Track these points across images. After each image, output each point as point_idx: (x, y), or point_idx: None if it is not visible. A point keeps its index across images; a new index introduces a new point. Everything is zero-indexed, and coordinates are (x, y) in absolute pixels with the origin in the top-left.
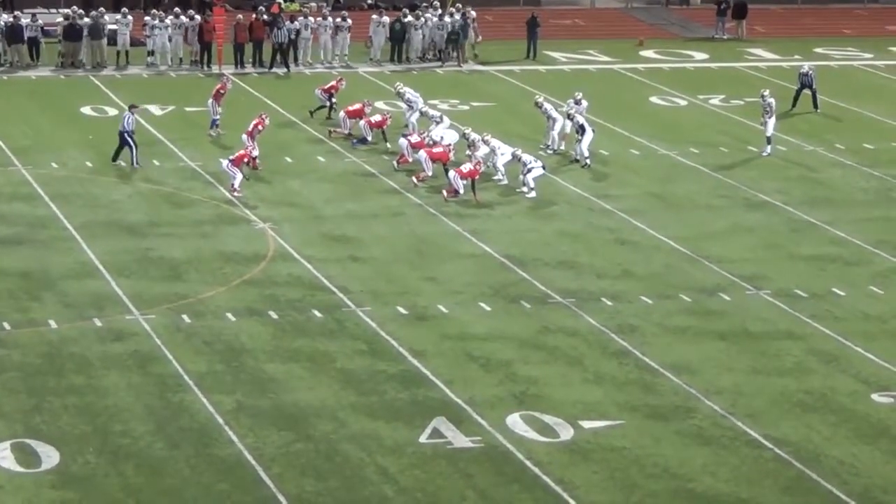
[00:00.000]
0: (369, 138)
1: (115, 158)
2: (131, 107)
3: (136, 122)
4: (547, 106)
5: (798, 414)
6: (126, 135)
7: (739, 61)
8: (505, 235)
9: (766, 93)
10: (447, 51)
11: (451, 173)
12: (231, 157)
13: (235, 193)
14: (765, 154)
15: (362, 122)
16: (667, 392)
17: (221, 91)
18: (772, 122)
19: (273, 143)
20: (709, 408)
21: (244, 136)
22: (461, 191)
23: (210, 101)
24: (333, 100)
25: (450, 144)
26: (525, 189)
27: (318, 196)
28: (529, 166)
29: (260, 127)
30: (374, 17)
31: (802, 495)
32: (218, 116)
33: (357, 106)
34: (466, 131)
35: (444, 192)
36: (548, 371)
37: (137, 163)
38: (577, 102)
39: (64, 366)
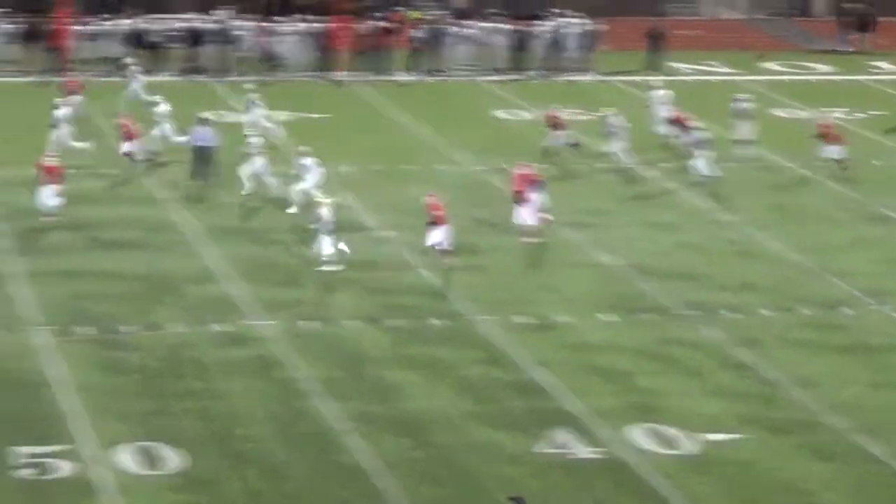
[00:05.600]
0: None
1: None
2: (202, 119)
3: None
4: (612, 120)
5: None
6: (205, 150)
7: (863, 74)
8: (623, 246)
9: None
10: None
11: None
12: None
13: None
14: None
15: None
16: (787, 406)
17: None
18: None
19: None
20: (830, 422)
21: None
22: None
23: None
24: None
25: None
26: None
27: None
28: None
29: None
30: (494, 26)
31: None
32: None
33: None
34: None
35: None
36: (668, 382)
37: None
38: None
39: (184, 369)
